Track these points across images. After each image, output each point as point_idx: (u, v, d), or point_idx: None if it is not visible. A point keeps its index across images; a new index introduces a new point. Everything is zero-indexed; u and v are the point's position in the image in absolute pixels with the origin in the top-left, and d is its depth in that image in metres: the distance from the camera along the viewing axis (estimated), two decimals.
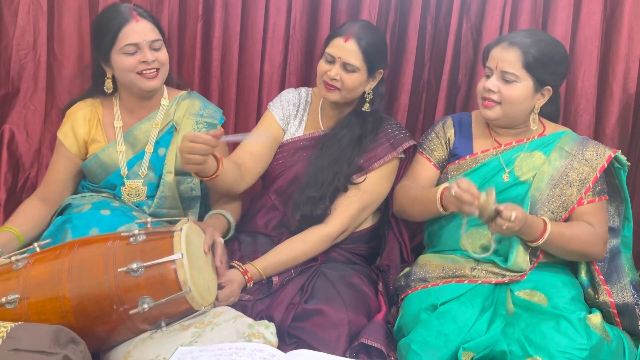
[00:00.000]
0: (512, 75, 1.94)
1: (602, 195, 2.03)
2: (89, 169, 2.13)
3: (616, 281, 2.01)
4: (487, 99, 1.99)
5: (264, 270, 1.97)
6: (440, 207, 1.94)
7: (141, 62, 2.01)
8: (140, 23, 2.01)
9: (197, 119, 2.16)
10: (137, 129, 2.13)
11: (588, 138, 2.11)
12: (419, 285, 2.01)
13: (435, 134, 2.17)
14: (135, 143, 2.13)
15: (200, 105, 2.20)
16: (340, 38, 2.04)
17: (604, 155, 2.02)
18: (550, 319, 1.81)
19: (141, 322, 1.65)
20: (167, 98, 2.18)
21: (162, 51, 2.06)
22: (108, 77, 2.09)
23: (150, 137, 2.13)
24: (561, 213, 2.01)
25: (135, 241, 1.67)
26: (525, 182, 2.02)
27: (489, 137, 2.11)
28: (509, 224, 1.79)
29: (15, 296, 1.61)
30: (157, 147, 2.14)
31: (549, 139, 2.06)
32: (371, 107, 2.13)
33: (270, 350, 1.57)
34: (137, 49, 2.00)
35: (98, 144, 2.13)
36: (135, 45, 2.00)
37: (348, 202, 2.08)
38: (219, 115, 2.22)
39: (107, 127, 2.14)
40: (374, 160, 2.10)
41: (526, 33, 2.01)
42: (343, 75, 2.03)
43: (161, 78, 2.07)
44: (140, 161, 2.13)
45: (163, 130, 2.15)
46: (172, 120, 2.16)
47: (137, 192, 2.12)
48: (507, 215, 1.79)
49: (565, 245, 1.96)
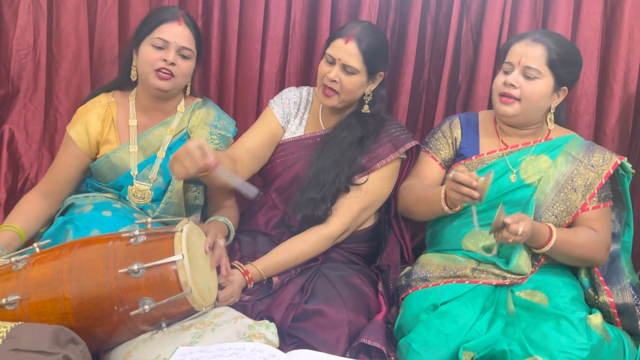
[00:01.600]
0: (534, 71, 1.94)
1: (606, 201, 2.03)
2: (98, 170, 2.13)
3: (616, 282, 2.01)
4: (507, 95, 1.97)
5: (265, 270, 1.97)
6: (445, 205, 1.94)
7: (162, 59, 2.01)
8: (181, 27, 2.03)
9: (212, 129, 2.15)
10: (150, 133, 2.12)
11: (594, 143, 2.10)
12: (419, 284, 2.00)
13: (442, 133, 2.17)
14: (147, 147, 2.12)
15: (215, 115, 2.19)
16: (341, 39, 2.03)
17: (611, 161, 2.01)
18: (550, 319, 1.81)
19: (142, 323, 1.65)
20: (183, 106, 2.17)
21: (187, 62, 2.06)
22: (134, 66, 2.09)
23: (164, 143, 2.13)
24: (565, 218, 2.00)
25: (136, 242, 1.67)
26: (531, 185, 2.01)
27: (496, 138, 2.11)
28: (515, 237, 1.79)
29: (15, 297, 1.60)
30: (169, 153, 2.12)
31: (556, 142, 2.06)
32: (371, 108, 2.13)
33: (270, 350, 1.57)
34: (165, 46, 2.01)
35: (110, 145, 2.11)
36: (166, 42, 2.01)
37: (349, 203, 2.08)
38: (232, 127, 2.22)
39: (120, 127, 2.13)
40: (376, 161, 2.10)
41: (547, 33, 2.02)
42: (342, 77, 2.02)
43: (173, 84, 2.06)
44: (151, 165, 2.12)
45: (177, 136, 2.15)
46: (187, 127, 2.15)
47: (143, 195, 2.12)
48: (514, 229, 1.77)
49: (569, 252, 1.96)
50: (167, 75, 2.03)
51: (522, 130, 2.06)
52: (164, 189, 2.13)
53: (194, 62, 2.10)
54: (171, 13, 2.06)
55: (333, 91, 2.04)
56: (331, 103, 2.07)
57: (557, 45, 1.95)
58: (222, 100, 2.56)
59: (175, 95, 2.15)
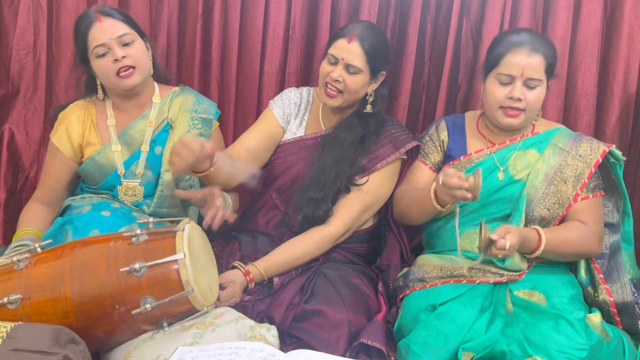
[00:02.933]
0: (536, 82, 1.94)
1: (596, 191, 2.03)
2: (86, 173, 2.12)
3: (616, 279, 2.01)
4: (514, 108, 1.96)
5: (266, 271, 1.97)
6: (436, 203, 1.93)
7: (114, 61, 1.97)
8: (105, 22, 1.98)
9: (192, 114, 2.14)
10: (131, 128, 2.11)
11: (582, 134, 2.11)
12: (417, 285, 2.01)
13: (429, 137, 2.18)
14: (131, 142, 2.12)
15: (194, 100, 2.18)
16: (343, 39, 2.03)
17: (598, 150, 2.02)
18: (549, 319, 1.81)
19: (143, 322, 1.65)
20: (159, 95, 2.16)
21: (134, 45, 2.01)
22: (98, 84, 2.07)
23: (146, 136, 2.12)
24: (558, 210, 2.01)
25: (138, 241, 1.67)
26: (520, 180, 2.02)
27: (483, 138, 2.11)
28: (504, 252, 1.79)
29: (17, 296, 1.60)
30: (153, 146, 2.12)
31: (543, 136, 2.07)
32: (373, 108, 2.13)
33: (270, 350, 1.57)
34: (107, 49, 1.97)
35: (93, 146, 2.11)
36: (103, 45, 1.97)
37: (350, 203, 2.08)
38: (214, 109, 2.21)
39: (101, 128, 2.12)
40: (377, 161, 2.10)
41: (535, 37, 1.99)
42: (346, 76, 2.02)
43: (139, 74, 2.02)
44: (137, 161, 2.11)
45: (158, 128, 2.14)
46: (167, 117, 2.14)
47: (134, 192, 2.12)
48: (501, 244, 1.78)
49: (562, 250, 1.97)
50: (128, 72, 2.00)
51: (511, 130, 2.07)
52: (154, 183, 2.12)
53: (140, 43, 2.05)
54: (88, 16, 2.01)
55: (336, 91, 2.05)
56: (335, 103, 2.07)
57: (549, 50, 1.97)
58: (223, 101, 2.56)
59: (145, 86, 2.13)
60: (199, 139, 1.77)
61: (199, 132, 2.13)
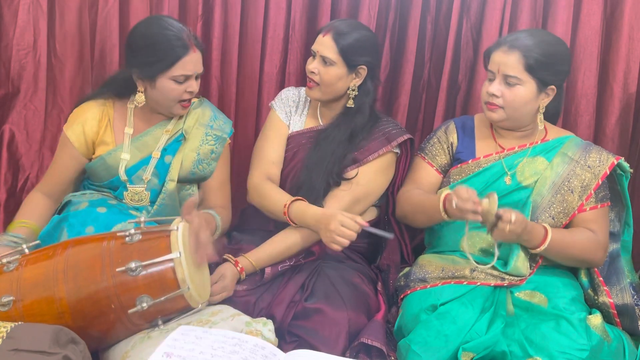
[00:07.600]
0: (514, 79, 1.93)
1: (604, 202, 2.02)
2: (93, 170, 2.12)
3: (615, 283, 2.01)
4: (491, 103, 1.98)
5: (257, 262, 1.98)
6: (444, 214, 1.92)
7: (187, 91, 2.02)
8: (197, 55, 2.01)
9: (207, 130, 2.15)
10: (147, 134, 2.11)
11: (592, 143, 2.09)
12: (418, 285, 2.00)
13: (437, 139, 2.17)
14: (143, 148, 2.11)
15: (211, 115, 2.18)
16: (320, 34, 2.10)
17: (607, 162, 2.01)
18: (550, 320, 1.81)
19: (138, 319, 1.65)
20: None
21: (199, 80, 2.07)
22: (140, 91, 2.04)
23: (159, 143, 2.12)
24: (562, 219, 2.00)
25: (132, 240, 1.67)
26: (527, 187, 2.01)
27: (492, 141, 2.10)
28: (510, 226, 1.78)
29: (10, 298, 1.59)
30: (164, 154, 2.12)
31: (552, 144, 2.05)
32: (355, 104, 2.13)
33: (272, 349, 1.57)
34: (186, 79, 2.01)
35: (106, 146, 2.11)
36: (189, 76, 2.01)
37: (341, 195, 2.08)
38: (229, 127, 2.21)
39: (117, 130, 2.12)
40: (368, 153, 2.11)
41: (527, 34, 1.98)
42: (321, 68, 2.08)
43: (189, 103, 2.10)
44: (146, 166, 2.11)
45: (172, 137, 2.13)
46: (182, 128, 2.14)
47: (140, 197, 2.12)
48: (507, 217, 1.78)
49: (566, 252, 1.96)
50: (188, 103, 2.07)
51: (518, 132, 2.06)
52: (159, 190, 2.12)
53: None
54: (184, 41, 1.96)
55: (313, 82, 2.11)
56: (313, 95, 2.13)
57: (536, 49, 1.92)
58: (223, 100, 2.57)
59: None
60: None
61: (211, 149, 2.14)
